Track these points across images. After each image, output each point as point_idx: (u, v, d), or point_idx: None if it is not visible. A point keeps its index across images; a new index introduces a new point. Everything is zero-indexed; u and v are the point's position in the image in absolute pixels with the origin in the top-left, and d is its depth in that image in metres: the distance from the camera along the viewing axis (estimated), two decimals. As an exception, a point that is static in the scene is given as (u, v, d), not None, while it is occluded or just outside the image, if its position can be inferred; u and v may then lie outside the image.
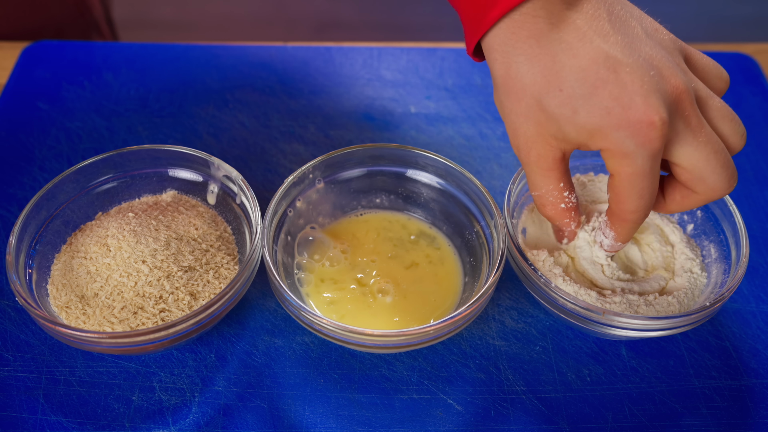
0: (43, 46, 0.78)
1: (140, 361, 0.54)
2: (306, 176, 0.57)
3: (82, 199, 0.58)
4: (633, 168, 0.44)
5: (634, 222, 0.48)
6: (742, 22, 1.97)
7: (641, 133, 0.42)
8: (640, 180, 0.44)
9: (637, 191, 0.45)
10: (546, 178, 0.48)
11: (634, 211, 0.46)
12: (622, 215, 0.47)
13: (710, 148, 0.44)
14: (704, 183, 0.45)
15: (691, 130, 0.44)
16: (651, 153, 0.43)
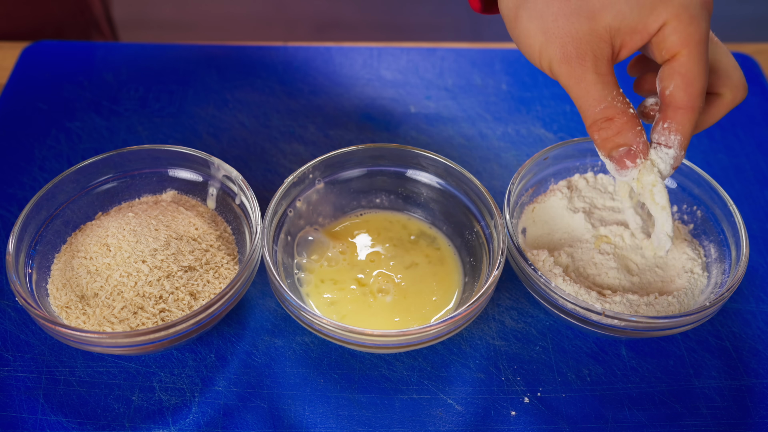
0: (43, 46, 0.78)
1: (140, 361, 0.54)
2: (306, 176, 0.57)
3: (82, 199, 0.58)
4: (699, 33, 0.43)
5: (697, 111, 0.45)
6: (742, 22, 1.97)
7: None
8: (705, 49, 0.44)
9: (704, 63, 0.44)
10: (606, 84, 0.45)
11: (700, 93, 0.45)
12: (691, 102, 0.45)
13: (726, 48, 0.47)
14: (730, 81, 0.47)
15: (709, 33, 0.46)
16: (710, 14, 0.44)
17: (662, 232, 0.51)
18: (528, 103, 0.75)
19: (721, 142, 0.72)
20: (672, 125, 0.46)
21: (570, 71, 0.45)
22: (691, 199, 0.60)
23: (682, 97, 0.45)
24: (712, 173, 0.68)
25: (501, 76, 0.78)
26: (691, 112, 0.45)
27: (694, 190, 0.59)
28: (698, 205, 0.59)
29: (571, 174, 0.62)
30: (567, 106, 0.75)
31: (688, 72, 0.44)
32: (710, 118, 0.48)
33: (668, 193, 0.50)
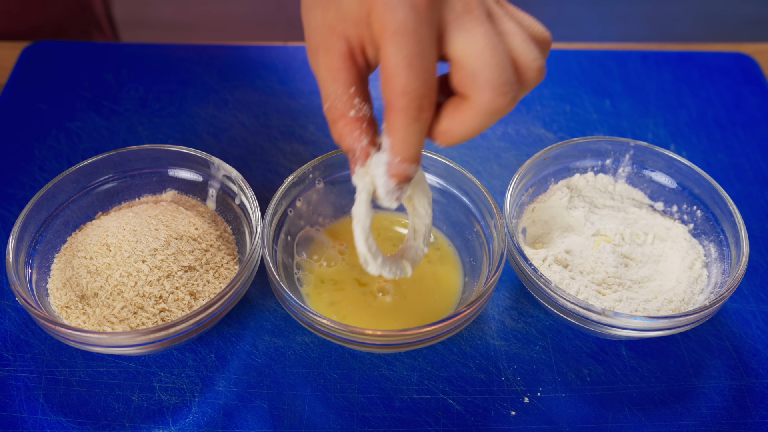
0: (43, 46, 0.78)
1: (140, 361, 0.54)
2: (306, 176, 0.57)
3: (82, 199, 0.58)
4: (395, 22, 0.38)
5: (406, 111, 0.40)
6: (742, 22, 1.97)
7: None
8: (405, 41, 0.38)
9: (403, 57, 0.38)
10: (334, 80, 0.42)
11: (404, 91, 0.39)
12: (391, 99, 0.40)
13: (487, 41, 0.39)
14: (476, 81, 0.39)
15: (470, 17, 0.40)
16: (414, 4, 0.38)
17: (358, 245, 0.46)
18: (528, 103, 0.75)
19: (721, 142, 0.72)
20: (386, 126, 0.41)
21: (311, 63, 0.44)
22: (691, 199, 0.60)
23: (384, 95, 0.40)
24: (712, 173, 0.68)
25: (501, 76, 0.77)
26: (395, 113, 0.40)
27: (694, 190, 0.59)
28: (698, 205, 0.59)
29: (571, 174, 0.62)
30: (567, 106, 0.75)
31: (385, 66, 0.39)
32: (461, 125, 0.42)
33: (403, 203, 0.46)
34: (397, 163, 0.42)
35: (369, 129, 0.44)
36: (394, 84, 0.39)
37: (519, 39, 0.41)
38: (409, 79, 0.39)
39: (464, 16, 0.40)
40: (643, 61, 0.80)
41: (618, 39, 1.93)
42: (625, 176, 0.62)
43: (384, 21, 0.39)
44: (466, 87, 0.40)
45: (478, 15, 0.40)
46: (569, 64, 0.79)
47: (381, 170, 0.43)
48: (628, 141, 0.61)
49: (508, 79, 0.40)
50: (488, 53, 0.39)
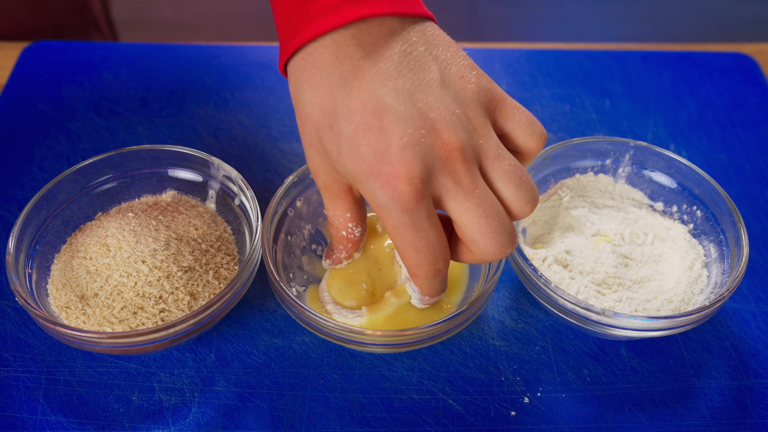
0: (42, 46, 0.78)
1: (140, 361, 0.54)
2: (306, 176, 0.57)
3: (82, 199, 0.58)
4: (391, 221, 0.42)
5: (425, 276, 0.45)
6: (742, 22, 1.97)
7: (390, 186, 0.40)
8: (405, 233, 0.42)
9: (408, 244, 0.43)
10: (334, 204, 0.48)
11: (417, 266, 0.44)
12: (409, 269, 0.45)
13: (481, 212, 0.42)
14: (476, 245, 0.44)
15: (461, 189, 0.42)
16: (404, 207, 0.41)
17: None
18: (528, 103, 0.75)
19: (721, 142, 0.72)
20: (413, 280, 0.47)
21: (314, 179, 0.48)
22: (691, 199, 0.60)
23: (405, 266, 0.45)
24: (712, 173, 0.68)
25: (501, 76, 0.78)
26: (416, 278, 0.46)
27: (694, 190, 0.59)
28: (698, 205, 0.59)
29: (571, 174, 0.62)
30: (567, 106, 0.75)
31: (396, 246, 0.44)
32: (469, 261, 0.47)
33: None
34: (428, 299, 0.50)
35: (353, 248, 0.51)
36: (407, 262, 0.44)
37: (513, 186, 0.44)
38: (418, 259, 0.44)
39: (455, 188, 0.42)
40: (643, 61, 0.80)
41: (618, 39, 1.93)
42: (625, 176, 0.62)
43: (381, 218, 0.42)
44: (469, 246, 0.44)
45: (468, 184, 0.42)
46: (569, 64, 0.79)
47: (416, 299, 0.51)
48: (628, 141, 0.61)
49: (504, 240, 0.44)
50: (483, 224, 0.43)
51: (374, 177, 0.41)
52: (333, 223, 0.49)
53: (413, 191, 0.41)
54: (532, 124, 0.46)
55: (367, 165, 0.41)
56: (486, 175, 0.43)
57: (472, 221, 0.43)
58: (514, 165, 0.44)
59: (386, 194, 0.41)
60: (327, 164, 0.45)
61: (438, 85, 0.42)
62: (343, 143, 0.42)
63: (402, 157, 0.40)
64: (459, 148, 0.41)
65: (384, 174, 0.40)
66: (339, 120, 0.42)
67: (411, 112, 0.41)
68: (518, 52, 0.81)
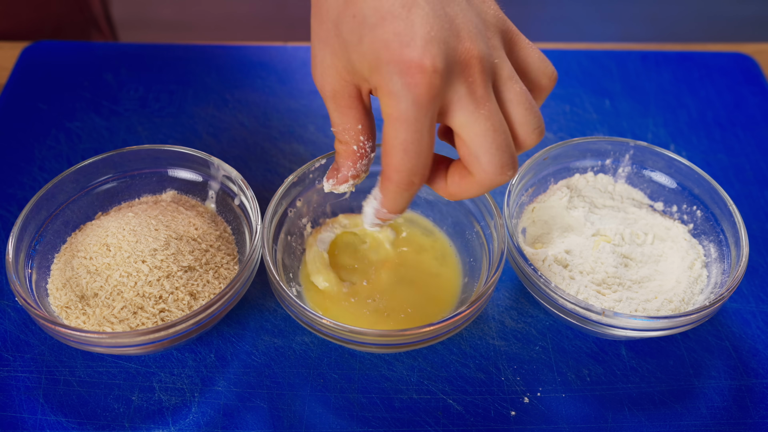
0: (42, 46, 0.78)
1: (140, 361, 0.54)
2: (306, 176, 0.57)
3: (82, 199, 0.58)
4: (397, 111, 0.40)
5: (397, 184, 0.43)
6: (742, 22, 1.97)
7: (409, 74, 0.39)
8: (404, 128, 0.41)
9: (400, 142, 0.41)
10: (344, 115, 0.46)
11: (397, 169, 0.42)
12: (386, 170, 0.43)
13: (489, 124, 0.41)
14: (477, 162, 0.42)
15: (473, 99, 0.41)
16: (416, 99, 0.40)
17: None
18: (528, 103, 0.75)
19: (721, 142, 0.72)
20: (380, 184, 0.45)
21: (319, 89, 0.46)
22: (691, 199, 0.60)
23: (383, 164, 0.43)
24: (712, 173, 0.68)
25: (501, 76, 0.77)
26: (388, 181, 0.43)
27: (694, 190, 0.59)
28: (698, 205, 0.59)
29: (571, 174, 0.62)
30: (567, 106, 0.75)
31: (384, 142, 0.42)
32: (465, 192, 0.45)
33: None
34: (384, 212, 0.46)
35: (361, 164, 0.48)
36: (389, 161, 0.42)
37: (522, 108, 0.43)
38: (403, 161, 0.42)
39: (468, 97, 0.41)
40: (643, 61, 0.80)
41: (618, 39, 1.93)
42: (625, 176, 0.62)
43: (387, 105, 0.41)
44: (469, 164, 0.43)
45: (482, 94, 0.41)
46: (569, 64, 0.79)
47: (370, 209, 0.47)
48: (628, 141, 0.61)
49: (507, 160, 0.42)
50: (489, 137, 0.42)
51: (394, 62, 0.40)
52: (342, 137, 0.47)
53: (429, 84, 0.40)
54: (545, 62, 0.46)
55: (390, 50, 0.40)
56: (497, 96, 0.43)
57: (478, 133, 0.42)
58: (525, 90, 0.43)
59: (403, 81, 0.40)
60: (340, 63, 0.43)
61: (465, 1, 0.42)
62: (365, 30, 0.41)
63: (428, 48, 0.39)
64: (479, 57, 0.41)
65: (406, 60, 0.40)
66: (364, 8, 0.41)
67: (439, 13, 0.41)
68: (518, 52, 0.80)
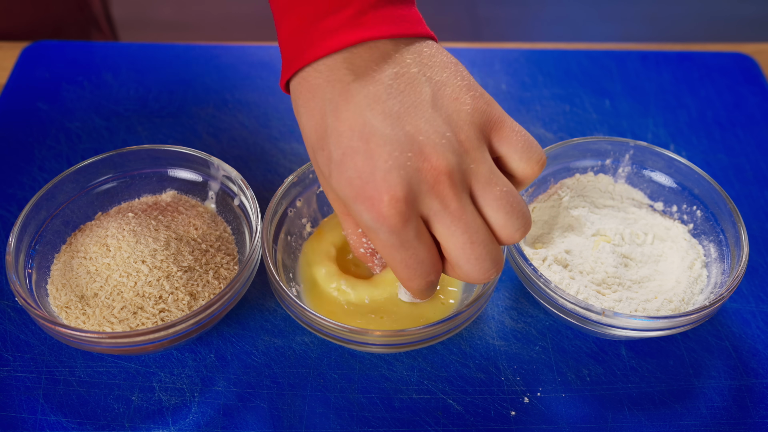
0: (42, 46, 0.78)
1: (140, 361, 0.54)
2: (306, 176, 0.57)
3: (82, 199, 0.58)
4: (380, 241, 0.42)
5: (417, 289, 0.45)
6: (742, 22, 1.97)
7: (375, 209, 0.41)
8: (396, 252, 0.42)
9: (398, 262, 0.43)
10: (345, 222, 0.48)
11: (408, 279, 0.44)
12: (402, 282, 0.45)
13: (466, 238, 0.42)
14: (459, 268, 0.44)
15: (448, 213, 0.42)
16: (390, 229, 0.41)
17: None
18: (528, 103, 0.75)
19: (721, 142, 0.72)
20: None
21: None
22: (691, 199, 0.60)
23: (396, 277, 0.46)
24: (712, 173, 0.68)
25: (501, 76, 0.78)
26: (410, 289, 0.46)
27: (694, 190, 0.59)
28: (698, 205, 0.59)
29: (571, 174, 0.62)
30: (567, 106, 0.75)
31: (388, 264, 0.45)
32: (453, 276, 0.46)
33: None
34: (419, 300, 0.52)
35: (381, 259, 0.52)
36: (400, 277, 0.45)
37: (502, 213, 0.43)
38: (410, 275, 0.44)
39: (443, 212, 0.42)
40: (643, 61, 0.80)
41: (618, 39, 1.93)
42: (625, 176, 0.62)
43: (371, 238, 0.43)
44: (452, 270, 0.45)
45: (455, 208, 0.42)
46: (569, 64, 0.79)
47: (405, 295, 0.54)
48: (628, 141, 0.61)
49: (489, 267, 0.44)
50: (467, 250, 0.43)
51: (360, 200, 0.41)
52: (349, 241, 0.50)
53: (398, 214, 0.41)
54: (530, 149, 0.45)
55: (353, 188, 0.41)
56: (476, 200, 0.43)
57: (457, 246, 0.43)
58: (506, 191, 0.43)
59: (371, 216, 0.41)
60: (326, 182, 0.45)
61: (429, 107, 0.42)
62: (332, 166, 0.42)
63: (386, 180, 0.40)
64: (447, 172, 0.41)
65: (369, 197, 0.41)
66: (329, 143, 0.42)
67: (398, 135, 0.41)
68: (518, 52, 0.81)
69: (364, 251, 0.51)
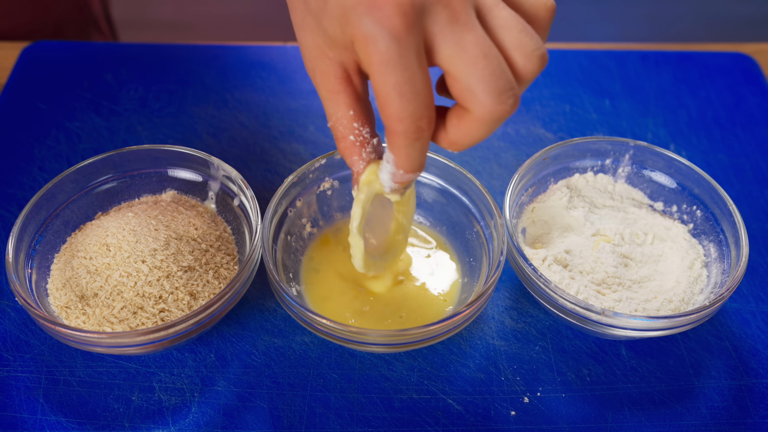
0: (42, 46, 0.78)
1: (140, 361, 0.54)
2: (306, 176, 0.57)
3: (82, 199, 0.58)
4: (378, 53, 0.38)
5: (405, 134, 0.40)
6: (742, 22, 1.97)
7: (377, 8, 0.37)
8: (391, 70, 0.38)
9: (392, 86, 0.38)
10: (334, 102, 0.43)
11: (399, 117, 0.39)
12: (388, 123, 0.40)
13: (478, 50, 0.38)
14: (472, 94, 0.39)
15: (456, 27, 0.38)
16: (392, 32, 0.37)
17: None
18: (528, 103, 0.75)
19: (721, 142, 0.72)
20: (388, 145, 0.42)
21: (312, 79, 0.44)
22: (691, 199, 0.60)
23: (384, 121, 0.40)
24: (712, 173, 0.68)
25: (501, 76, 0.77)
26: (395, 135, 0.40)
27: (694, 190, 0.59)
28: (698, 205, 0.59)
29: (571, 174, 0.62)
30: (567, 105, 0.75)
31: (377, 95, 0.39)
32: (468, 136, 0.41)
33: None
34: (401, 174, 0.43)
35: (369, 152, 0.45)
36: (389, 112, 0.39)
37: (515, 32, 0.39)
38: (402, 106, 0.39)
39: (450, 25, 0.38)
40: (643, 61, 0.80)
41: (618, 39, 1.93)
42: (625, 176, 0.62)
43: (367, 53, 0.38)
44: (464, 100, 0.40)
45: (465, 21, 0.38)
46: (569, 64, 0.79)
47: (385, 175, 0.44)
48: (628, 141, 0.61)
49: (504, 86, 0.39)
50: (480, 64, 0.38)
51: (360, 3, 0.37)
52: (338, 131, 0.45)
53: (403, 14, 0.37)
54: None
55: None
56: (485, 25, 0.39)
57: (467, 62, 0.38)
58: (515, 14, 0.40)
59: (373, 18, 0.37)
60: (320, 38, 0.42)
61: None
62: None
63: None
64: None
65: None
66: None
67: None
68: (518, 52, 0.80)
69: (354, 139, 0.44)
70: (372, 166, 0.45)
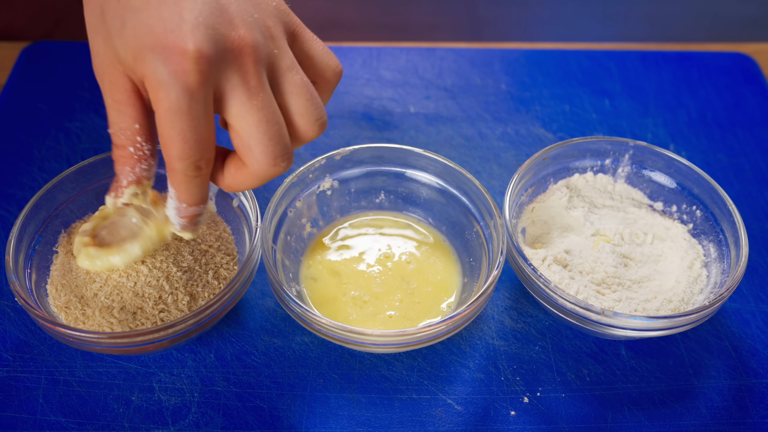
0: (43, 46, 0.78)
1: (140, 362, 0.54)
2: (306, 176, 0.57)
3: (82, 199, 0.58)
4: (168, 101, 0.39)
5: (184, 173, 0.42)
6: (742, 22, 1.97)
7: (174, 61, 0.38)
8: (178, 118, 0.39)
9: (176, 132, 0.40)
10: (119, 113, 0.43)
11: (179, 158, 0.41)
12: (169, 162, 0.42)
13: (261, 115, 0.41)
14: (250, 153, 0.42)
15: (246, 89, 0.40)
16: (185, 87, 0.39)
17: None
18: (527, 103, 0.75)
19: (721, 142, 0.72)
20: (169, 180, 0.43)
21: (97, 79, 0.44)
22: (691, 199, 0.60)
23: (165, 158, 0.42)
24: (712, 173, 0.68)
25: (500, 75, 0.78)
26: (174, 173, 0.42)
27: (694, 190, 0.59)
28: (698, 205, 0.59)
29: (571, 174, 0.62)
30: (566, 105, 0.75)
31: (161, 135, 0.41)
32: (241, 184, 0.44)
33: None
34: (185, 207, 0.45)
35: (143, 168, 0.45)
36: (171, 153, 0.41)
37: (302, 99, 0.42)
38: (184, 150, 0.41)
39: (241, 86, 0.40)
40: (643, 61, 0.80)
41: (618, 39, 1.93)
42: (625, 176, 0.62)
43: (157, 98, 0.39)
44: (243, 155, 0.42)
45: (255, 85, 0.40)
46: (569, 64, 0.79)
47: (171, 210, 0.45)
48: (628, 141, 0.61)
49: (280, 151, 0.42)
50: (262, 128, 0.41)
51: (159, 49, 0.38)
52: (118, 140, 0.44)
53: (199, 71, 0.38)
54: (329, 54, 0.45)
55: (154, 35, 0.38)
56: (276, 87, 0.42)
57: (250, 124, 0.41)
58: (306, 81, 0.42)
59: (169, 69, 0.38)
60: (111, 50, 0.41)
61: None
62: (128, 14, 0.39)
63: (194, 33, 0.38)
64: (252, 46, 0.40)
65: (171, 46, 0.38)
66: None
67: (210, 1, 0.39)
68: (518, 52, 0.81)
69: (133, 151, 0.44)
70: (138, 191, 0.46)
